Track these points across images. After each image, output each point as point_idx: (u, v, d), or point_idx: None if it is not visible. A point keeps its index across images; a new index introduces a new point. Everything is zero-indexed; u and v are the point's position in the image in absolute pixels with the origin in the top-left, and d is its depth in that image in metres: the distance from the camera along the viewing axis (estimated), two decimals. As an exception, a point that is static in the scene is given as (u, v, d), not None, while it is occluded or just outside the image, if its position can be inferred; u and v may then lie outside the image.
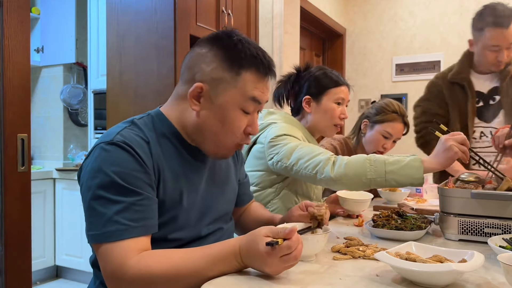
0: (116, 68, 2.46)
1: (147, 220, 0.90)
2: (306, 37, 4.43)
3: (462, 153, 1.23)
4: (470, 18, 2.17)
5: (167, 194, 0.96)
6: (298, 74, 1.67)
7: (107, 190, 0.87)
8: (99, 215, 0.86)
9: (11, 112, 1.68)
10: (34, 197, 1.79)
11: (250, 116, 1.02)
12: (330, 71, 1.65)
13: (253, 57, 0.99)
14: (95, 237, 0.86)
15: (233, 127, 1.00)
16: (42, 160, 3.83)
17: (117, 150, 0.90)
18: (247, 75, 0.98)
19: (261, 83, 1.00)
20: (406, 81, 4.63)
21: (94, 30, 3.40)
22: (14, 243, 1.69)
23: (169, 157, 0.99)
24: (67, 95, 3.74)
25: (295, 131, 1.52)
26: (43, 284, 3.42)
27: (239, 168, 1.27)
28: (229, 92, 0.98)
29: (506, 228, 1.18)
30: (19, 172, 1.71)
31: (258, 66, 0.99)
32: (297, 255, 0.87)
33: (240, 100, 0.98)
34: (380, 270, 0.96)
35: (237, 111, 0.99)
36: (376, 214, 1.42)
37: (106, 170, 0.88)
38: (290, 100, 1.70)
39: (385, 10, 4.72)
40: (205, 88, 0.97)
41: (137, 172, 0.90)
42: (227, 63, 0.97)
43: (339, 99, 1.62)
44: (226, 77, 0.97)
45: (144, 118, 1.03)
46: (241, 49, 0.98)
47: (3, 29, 1.65)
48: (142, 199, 0.89)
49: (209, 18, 2.49)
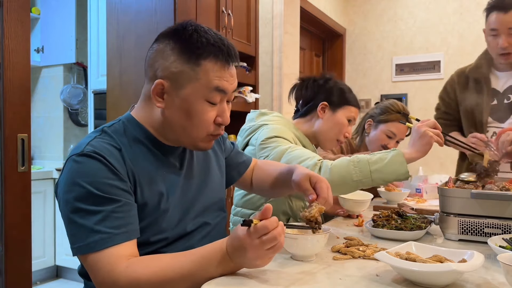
0: (116, 68, 2.46)
1: (128, 226, 0.89)
2: (306, 37, 4.43)
3: (437, 136, 1.27)
4: (470, 18, 2.15)
5: (145, 199, 0.95)
6: (314, 81, 1.66)
7: (84, 201, 0.87)
8: (80, 227, 0.86)
9: (11, 112, 1.68)
10: (34, 197, 1.79)
11: (219, 106, 0.99)
12: (350, 89, 1.67)
13: (211, 45, 0.95)
14: (80, 249, 0.86)
15: (201, 120, 0.97)
16: (42, 160, 3.83)
17: (88, 161, 0.89)
18: (207, 65, 0.95)
19: (223, 71, 0.97)
20: (406, 81, 4.64)
21: (94, 30, 3.40)
22: (14, 243, 1.69)
23: (143, 161, 0.98)
24: (67, 95, 3.74)
25: (286, 132, 1.50)
26: (43, 284, 3.42)
27: (221, 153, 1.24)
28: (191, 85, 0.95)
29: (506, 228, 1.18)
30: (19, 172, 1.71)
31: (217, 53, 0.95)
32: (276, 236, 0.84)
33: (204, 91, 0.96)
34: (380, 270, 0.96)
35: (203, 103, 0.96)
36: (376, 214, 1.42)
37: (80, 182, 0.87)
38: (300, 102, 1.68)
39: (385, 10, 4.72)
40: (166, 84, 0.96)
41: (111, 180, 0.89)
42: (185, 55, 0.95)
43: (351, 118, 1.63)
44: (185, 70, 0.95)
45: (115, 124, 1.02)
46: (197, 38, 0.95)
47: (3, 29, 1.65)
48: (121, 206, 0.89)
49: (209, 18, 2.49)
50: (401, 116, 2.00)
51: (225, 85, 0.97)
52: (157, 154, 1.01)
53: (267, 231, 0.84)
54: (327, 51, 4.93)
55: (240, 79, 2.81)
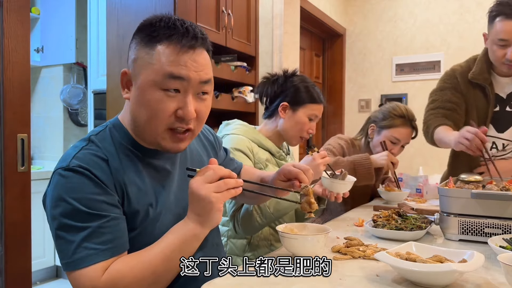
0: (116, 68, 2.46)
1: (116, 241, 0.88)
2: (306, 37, 4.42)
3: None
4: (470, 18, 2.05)
5: (134, 208, 0.94)
6: (284, 77, 1.67)
7: (71, 218, 0.85)
8: (67, 243, 0.85)
9: (11, 112, 1.67)
10: (34, 197, 1.79)
11: (180, 97, 0.91)
12: (312, 85, 1.65)
13: (167, 28, 0.90)
14: (68, 265, 0.85)
15: (156, 110, 0.90)
16: (42, 160, 3.83)
17: (74, 176, 0.88)
18: (161, 48, 0.89)
19: (179, 56, 0.89)
20: (406, 81, 4.63)
21: (94, 30, 3.40)
22: (14, 243, 1.69)
23: (131, 171, 0.95)
24: (67, 95, 3.74)
25: (240, 142, 1.54)
26: (43, 284, 3.41)
27: (217, 157, 1.20)
28: (145, 71, 0.90)
29: (506, 228, 1.18)
30: (19, 172, 1.70)
31: (171, 36, 0.89)
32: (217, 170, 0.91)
33: (157, 77, 0.89)
34: (380, 270, 0.96)
35: (157, 91, 0.89)
36: (376, 214, 1.42)
37: (66, 198, 0.86)
38: (267, 100, 1.70)
39: (385, 10, 4.72)
40: (129, 72, 0.94)
41: (98, 195, 0.88)
42: (144, 41, 0.92)
43: (313, 116, 1.64)
44: (141, 54, 0.91)
45: (101, 132, 0.98)
46: (156, 23, 0.92)
47: (3, 29, 1.65)
48: (108, 221, 0.88)
49: (209, 18, 2.49)
50: (404, 121, 1.97)
51: (182, 71, 0.89)
52: (145, 160, 0.98)
53: (207, 170, 0.92)
54: (327, 51, 4.93)
55: (240, 79, 2.81)
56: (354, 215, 1.71)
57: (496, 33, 1.72)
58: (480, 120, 1.87)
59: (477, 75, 1.87)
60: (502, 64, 1.77)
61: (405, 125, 1.98)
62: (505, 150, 1.86)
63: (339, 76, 4.89)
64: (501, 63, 1.76)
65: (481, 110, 1.88)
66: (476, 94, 1.90)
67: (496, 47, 1.75)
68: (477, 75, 1.87)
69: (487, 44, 1.83)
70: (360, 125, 2.22)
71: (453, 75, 1.95)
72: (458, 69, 1.96)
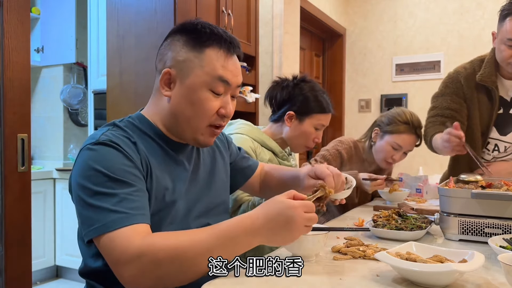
0: (116, 68, 2.46)
1: (145, 209, 0.91)
2: (306, 37, 4.43)
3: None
4: (470, 18, 2.02)
5: (154, 189, 0.97)
6: (293, 82, 1.65)
7: (101, 185, 0.88)
8: (98, 209, 0.87)
9: (11, 112, 1.67)
10: (34, 197, 1.79)
11: (222, 98, 1.02)
12: (321, 94, 1.62)
13: (213, 34, 1.00)
14: (98, 229, 0.85)
15: (204, 109, 1.00)
16: (42, 160, 3.83)
17: (104, 148, 0.92)
18: (210, 52, 0.99)
19: (227, 61, 1.00)
20: (406, 81, 4.63)
21: (94, 30, 3.40)
22: (14, 243, 1.69)
23: (154, 155, 1.00)
24: (67, 95, 3.74)
25: (244, 142, 1.53)
26: (43, 284, 3.41)
27: (227, 156, 1.26)
28: (195, 72, 0.99)
29: (506, 228, 1.18)
30: (19, 172, 1.70)
31: (219, 41, 1.00)
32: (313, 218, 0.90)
33: (207, 79, 0.99)
34: (380, 270, 0.96)
35: (206, 91, 0.99)
36: (376, 214, 1.42)
37: (96, 167, 0.89)
38: (275, 104, 1.68)
39: (385, 10, 4.72)
40: (173, 72, 1.00)
41: (127, 166, 0.91)
42: (190, 44, 1.00)
43: (319, 126, 1.63)
44: (190, 57, 0.99)
45: (125, 120, 1.05)
46: (201, 29, 1.01)
47: (3, 29, 1.65)
48: (136, 191, 0.91)
49: (209, 18, 2.48)
50: (408, 128, 1.93)
51: (228, 75, 1.00)
52: (167, 150, 1.04)
53: (311, 210, 0.90)
54: (327, 51, 4.93)
55: (240, 79, 2.81)
56: (354, 215, 1.71)
57: (505, 32, 1.68)
58: (483, 123, 1.85)
59: (485, 77, 1.82)
60: (508, 65, 1.73)
61: (409, 132, 1.94)
62: (507, 152, 1.87)
63: (339, 76, 4.89)
64: (508, 63, 1.73)
65: (484, 113, 1.85)
66: (480, 97, 1.86)
67: (504, 47, 1.71)
68: (486, 78, 1.82)
69: (495, 43, 1.78)
70: (360, 125, 2.22)
71: (457, 78, 1.91)
72: (462, 71, 1.91)
